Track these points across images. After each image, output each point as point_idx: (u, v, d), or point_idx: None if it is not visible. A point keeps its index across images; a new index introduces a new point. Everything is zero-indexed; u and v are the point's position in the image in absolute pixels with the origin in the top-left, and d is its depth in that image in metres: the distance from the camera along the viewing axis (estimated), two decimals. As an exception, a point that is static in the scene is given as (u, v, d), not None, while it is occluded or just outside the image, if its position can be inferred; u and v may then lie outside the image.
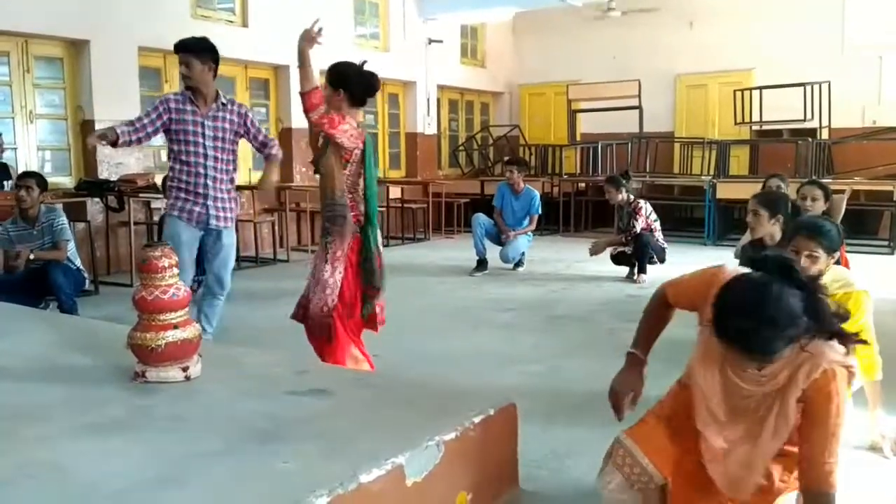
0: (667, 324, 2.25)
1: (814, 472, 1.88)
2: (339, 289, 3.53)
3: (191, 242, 4.39)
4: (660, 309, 2.24)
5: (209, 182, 4.35)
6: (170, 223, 4.40)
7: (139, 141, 4.27)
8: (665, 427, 2.08)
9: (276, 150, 4.60)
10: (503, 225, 7.86)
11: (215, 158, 4.36)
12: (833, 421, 1.88)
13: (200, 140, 4.31)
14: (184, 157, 4.32)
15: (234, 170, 4.56)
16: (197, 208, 4.35)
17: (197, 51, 4.26)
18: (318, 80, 3.54)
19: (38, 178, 5.51)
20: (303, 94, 3.40)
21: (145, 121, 4.23)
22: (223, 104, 4.38)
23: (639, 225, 7.13)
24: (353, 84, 3.57)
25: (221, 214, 4.44)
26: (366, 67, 3.63)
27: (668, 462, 2.00)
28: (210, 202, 4.36)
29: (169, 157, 4.48)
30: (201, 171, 4.33)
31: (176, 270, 2.10)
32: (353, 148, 3.52)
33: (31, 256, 5.29)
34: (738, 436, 1.99)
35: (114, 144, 4.16)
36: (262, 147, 4.59)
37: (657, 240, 7.27)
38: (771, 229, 3.74)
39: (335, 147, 3.51)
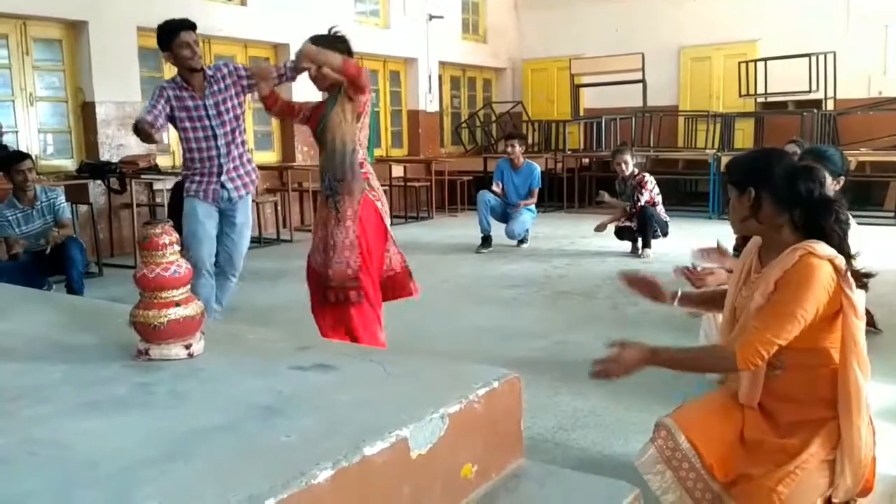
0: None
1: (740, 335, 1.92)
2: (359, 246, 3.45)
3: (207, 217, 4.38)
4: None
5: (222, 161, 4.37)
6: (187, 203, 4.42)
7: (163, 126, 4.28)
8: (706, 408, 2.08)
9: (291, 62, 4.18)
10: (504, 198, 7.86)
11: (224, 134, 4.36)
12: (791, 296, 1.87)
13: (207, 123, 4.31)
14: (193, 144, 4.34)
15: (244, 131, 4.51)
16: (213, 186, 4.38)
17: (195, 28, 4.31)
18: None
19: (31, 158, 5.55)
20: (346, 69, 3.34)
21: (158, 108, 4.20)
22: (211, 76, 4.35)
23: (643, 198, 7.10)
24: (339, 50, 3.50)
25: (239, 183, 4.45)
26: (335, 31, 3.57)
27: (709, 440, 1.97)
28: (225, 176, 4.39)
29: (182, 145, 4.49)
30: (213, 153, 4.35)
31: (177, 248, 2.08)
32: (366, 100, 3.51)
33: (56, 232, 5.33)
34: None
35: (151, 136, 4.08)
36: (281, 74, 4.08)
37: (660, 213, 7.24)
38: None
39: (349, 102, 3.45)
